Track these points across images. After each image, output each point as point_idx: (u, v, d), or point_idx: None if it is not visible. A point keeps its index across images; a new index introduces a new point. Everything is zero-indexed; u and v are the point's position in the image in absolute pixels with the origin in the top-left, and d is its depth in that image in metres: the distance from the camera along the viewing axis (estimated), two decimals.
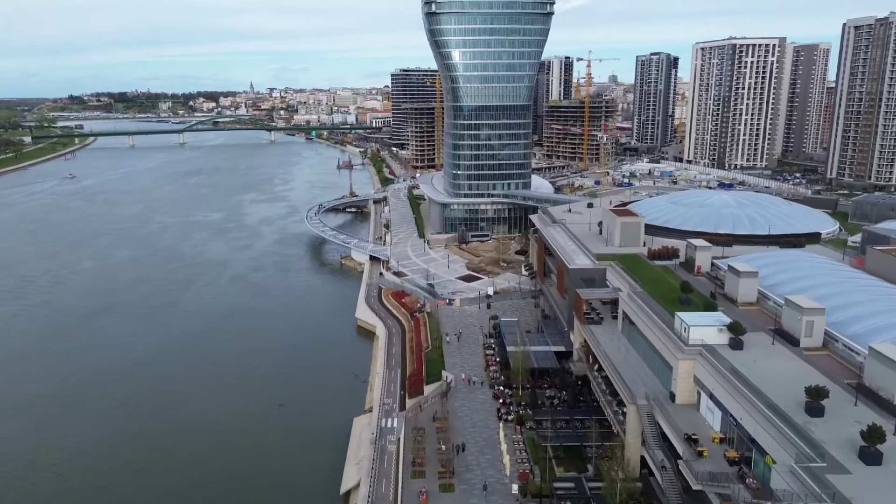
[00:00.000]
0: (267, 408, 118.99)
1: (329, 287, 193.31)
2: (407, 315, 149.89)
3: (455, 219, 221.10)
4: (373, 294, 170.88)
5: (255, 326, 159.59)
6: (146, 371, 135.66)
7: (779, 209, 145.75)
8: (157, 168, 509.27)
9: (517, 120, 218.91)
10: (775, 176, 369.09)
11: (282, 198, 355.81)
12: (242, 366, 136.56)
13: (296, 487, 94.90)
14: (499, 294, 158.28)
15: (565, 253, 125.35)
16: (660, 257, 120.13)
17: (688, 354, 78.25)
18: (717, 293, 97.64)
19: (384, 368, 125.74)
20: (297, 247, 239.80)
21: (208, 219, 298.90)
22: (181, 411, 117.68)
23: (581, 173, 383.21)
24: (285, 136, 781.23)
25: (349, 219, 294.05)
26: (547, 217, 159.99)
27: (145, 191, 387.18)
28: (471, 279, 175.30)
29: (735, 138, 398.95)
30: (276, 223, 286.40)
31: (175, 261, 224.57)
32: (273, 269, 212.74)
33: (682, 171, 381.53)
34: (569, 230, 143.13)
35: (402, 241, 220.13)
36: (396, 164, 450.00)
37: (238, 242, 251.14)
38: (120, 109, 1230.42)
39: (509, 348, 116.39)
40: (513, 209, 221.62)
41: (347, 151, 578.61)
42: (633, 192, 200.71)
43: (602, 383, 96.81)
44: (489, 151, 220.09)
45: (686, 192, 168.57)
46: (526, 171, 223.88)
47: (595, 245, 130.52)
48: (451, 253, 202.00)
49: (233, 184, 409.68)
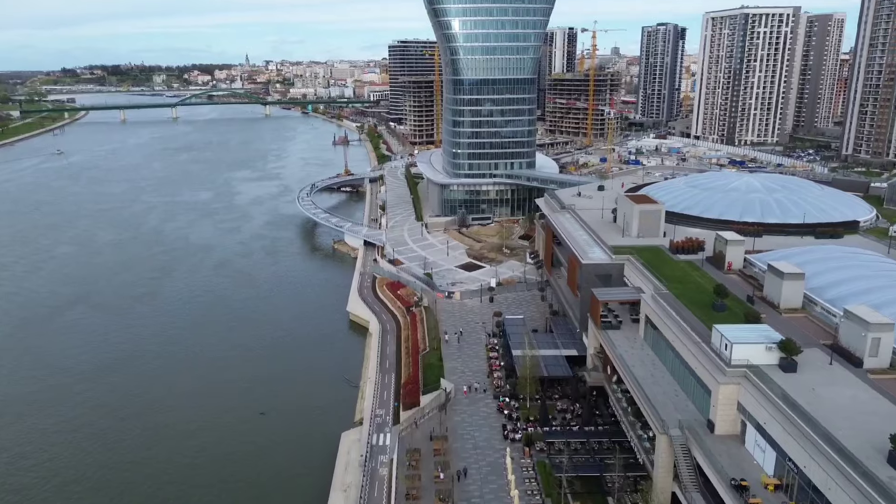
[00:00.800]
0: (246, 415, 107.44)
1: (320, 275, 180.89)
2: (403, 309, 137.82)
3: (454, 200, 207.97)
4: (366, 284, 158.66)
5: (240, 319, 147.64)
6: (117, 371, 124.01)
7: (810, 194, 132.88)
8: (147, 143, 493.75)
9: (521, 94, 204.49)
10: (787, 152, 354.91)
11: (274, 176, 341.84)
12: (223, 365, 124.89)
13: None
14: (502, 286, 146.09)
15: (577, 245, 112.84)
16: (683, 250, 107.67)
17: (730, 378, 66.23)
18: (754, 296, 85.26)
19: (377, 372, 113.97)
20: (288, 230, 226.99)
21: (196, 199, 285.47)
22: (148, 420, 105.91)
23: (586, 150, 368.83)
24: (280, 110, 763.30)
25: (344, 199, 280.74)
26: (555, 202, 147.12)
27: (133, 168, 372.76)
28: (471, 268, 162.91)
29: (746, 113, 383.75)
30: (267, 203, 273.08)
31: (158, 245, 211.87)
32: (261, 254, 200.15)
33: (691, 148, 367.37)
34: (580, 217, 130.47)
35: (399, 224, 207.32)
36: (394, 140, 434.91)
37: (226, 225, 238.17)
38: (113, 82, 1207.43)
39: (515, 352, 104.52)
40: (516, 190, 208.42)
41: (344, 126, 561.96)
42: (645, 174, 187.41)
43: (623, 399, 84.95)
44: (491, 128, 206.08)
45: (707, 175, 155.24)
46: (530, 149, 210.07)
47: (610, 235, 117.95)
48: (450, 238, 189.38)
49: (224, 160, 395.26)
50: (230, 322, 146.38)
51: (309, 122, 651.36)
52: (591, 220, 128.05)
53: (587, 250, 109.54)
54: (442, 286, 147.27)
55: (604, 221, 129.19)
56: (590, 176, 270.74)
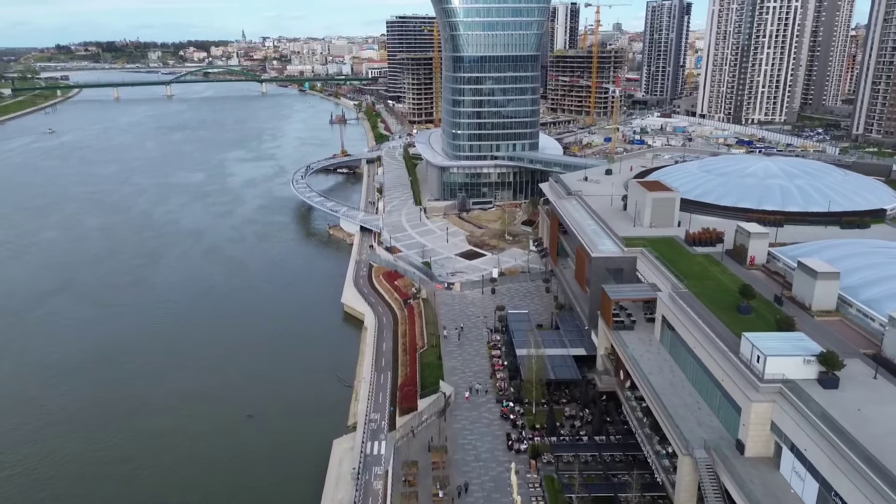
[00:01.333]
0: (232, 417, 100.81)
1: (314, 263, 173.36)
2: (400, 302, 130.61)
3: (454, 184, 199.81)
4: (362, 273, 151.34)
5: (229, 311, 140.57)
6: (98, 367, 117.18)
7: (831, 179, 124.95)
8: (140, 122, 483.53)
9: (524, 72, 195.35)
10: (795, 132, 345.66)
11: (269, 156, 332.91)
12: (209, 361, 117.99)
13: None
14: (504, 276, 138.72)
15: (586, 236, 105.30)
16: (700, 242, 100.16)
17: (764, 395, 59.18)
18: (782, 296, 77.93)
19: (372, 371, 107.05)
20: (282, 213, 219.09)
21: (188, 180, 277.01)
22: (126, 425, 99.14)
23: (589, 129, 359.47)
24: (277, 87, 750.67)
25: (340, 181, 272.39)
26: (560, 187, 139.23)
27: (124, 148, 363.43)
28: (472, 256, 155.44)
29: (753, 91, 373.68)
30: (262, 185, 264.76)
31: (147, 230, 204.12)
32: (254, 239, 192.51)
33: (697, 127, 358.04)
34: (587, 205, 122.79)
35: (397, 208, 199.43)
36: (392, 118, 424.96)
37: (218, 208, 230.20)
38: (108, 59, 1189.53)
39: (520, 352, 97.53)
40: (518, 173, 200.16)
41: (341, 104, 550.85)
42: (654, 156, 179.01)
43: (637, 409, 78.09)
44: (493, 108, 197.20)
45: (722, 159, 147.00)
46: (534, 129, 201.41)
47: (620, 225, 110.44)
48: (450, 223, 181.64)
49: (218, 140, 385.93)
50: (218, 314, 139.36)
51: (306, 100, 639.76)
52: (600, 208, 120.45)
53: (597, 242, 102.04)
54: (441, 276, 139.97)
55: (613, 209, 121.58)
56: (595, 157, 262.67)
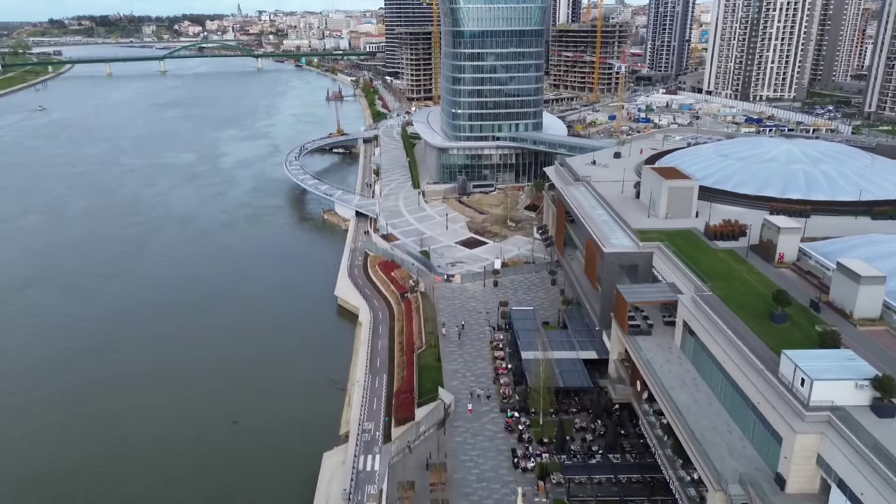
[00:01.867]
0: (216, 423, 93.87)
1: (308, 250, 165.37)
2: (397, 295, 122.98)
3: (454, 166, 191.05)
4: (357, 263, 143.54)
5: (216, 303, 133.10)
6: (76, 364, 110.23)
7: (859, 164, 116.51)
8: (132, 99, 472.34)
9: (528, 48, 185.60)
10: (805, 109, 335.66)
11: (263, 134, 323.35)
12: (194, 358, 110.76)
13: None
14: (507, 267, 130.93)
15: (597, 228, 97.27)
16: (722, 236, 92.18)
17: (810, 424, 51.72)
18: (819, 302, 70.19)
19: (366, 373, 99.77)
20: (276, 196, 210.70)
21: (179, 161, 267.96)
22: (105, 427, 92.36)
23: (593, 106, 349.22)
24: (273, 62, 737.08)
25: (336, 161, 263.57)
26: (566, 172, 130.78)
27: (115, 126, 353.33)
28: (473, 244, 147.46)
29: (762, 66, 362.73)
30: (255, 166, 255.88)
31: (134, 214, 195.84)
32: (245, 225, 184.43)
33: (703, 104, 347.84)
34: (596, 192, 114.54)
35: (394, 191, 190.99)
36: (390, 95, 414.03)
37: (209, 190, 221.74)
38: (102, 34, 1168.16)
39: (525, 354, 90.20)
40: (521, 154, 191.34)
41: (338, 81, 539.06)
42: (665, 138, 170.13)
43: (657, 425, 70.80)
44: (494, 86, 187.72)
45: (739, 142, 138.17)
46: (537, 108, 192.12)
47: (633, 215, 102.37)
48: (449, 208, 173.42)
49: (212, 118, 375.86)
50: (204, 308, 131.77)
51: (302, 75, 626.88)
52: (611, 196, 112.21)
53: (609, 235, 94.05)
54: (440, 267, 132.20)
55: (625, 197, 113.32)
56: (599, 136, 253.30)
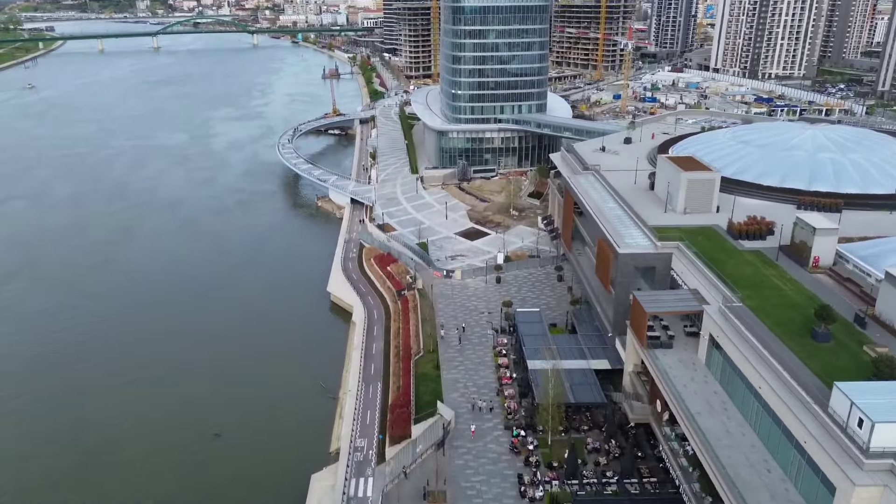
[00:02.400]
0: (197, 436, 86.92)
1: (300, 241, 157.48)
2: (393, 292, 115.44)
3: (454, 149, 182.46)
4: (352, 255, 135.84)
5: (201, 301, 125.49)
6: (54, 366, 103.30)
7: (890, 152, 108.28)
8: (124, 77, 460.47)
9: (531, 24, 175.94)
10: (816, 87, 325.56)
11: (257, 114, 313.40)
12: (175, 365, 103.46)
13: None
14: (511, 261, 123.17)
15: (609, 224, 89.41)
16: (747, 235, 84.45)
17: (870, 475, 44.44)
18: (864, 317, 62.67)
19: (359, 381, 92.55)
20: (268, 181, 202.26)
21: (170, 142, 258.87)
22: (73, 439, 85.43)
23: (597, 85, 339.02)
24: (269, 39, 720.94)
25: (331, 143, 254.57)
26: (574, 160, 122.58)
27: (105, 106, 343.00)
28: (474, 235, 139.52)
29: (772, 43, 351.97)
30: (248, 148, 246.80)
31: (120, 200, 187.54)
32: (235, 212, 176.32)
33: (711, 83, 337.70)
34: (607, 183, 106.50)
35: (391, 177, 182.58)
36: (388, 73, 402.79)
37: (199, 174, 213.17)
38: (95, 9, 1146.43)
39: (532, 364, 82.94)
40: (524, 137, 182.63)
41: (335, 57, 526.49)
42: (676, 121, 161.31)
43: (680, 452, 63.71)
44: (496, 65, 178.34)
45: (759, 127, 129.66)
46: (541, 89, 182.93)
47: (649, 209, 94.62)
48: (449, 194, 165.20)
49: (204, 97, 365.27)
50: (189, 305, 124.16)
51: (299, 52, 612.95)
52: (623, 187, 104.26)
53: (623, 233, 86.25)
54: (439, 261, 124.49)
55: (638, 189, 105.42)
56: (605, 116, 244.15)
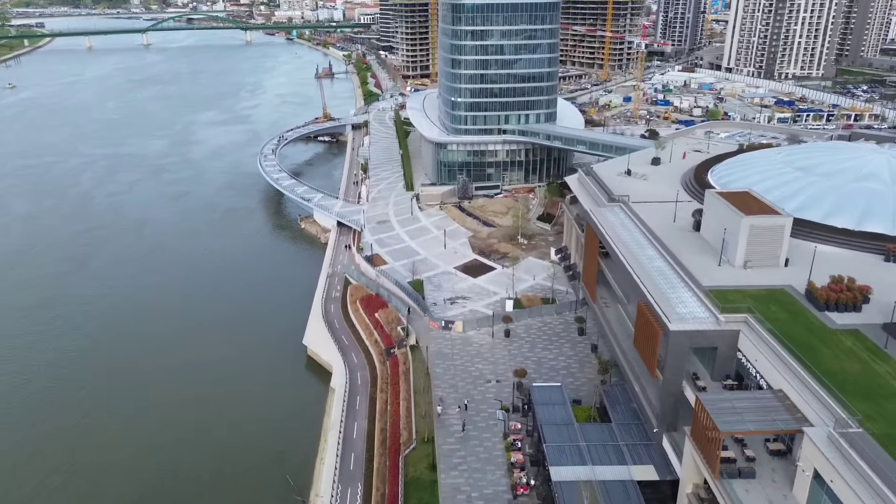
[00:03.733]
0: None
1: (277, 271, 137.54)
2: (381, 349, 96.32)
3: (453, 163, 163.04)
4: (335, 293, 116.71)
5: (153, 353, 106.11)
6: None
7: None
8: (108, 76, 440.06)
9: (541, 24, 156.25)
10: (837, 88, 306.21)
11: (244, 118, 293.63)
12: (104, 457, 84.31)
13: None
14: (521, 306, 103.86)
15: (651, 284, 69.97)
16: (835, 304, 65.10)
17: None
18: None
19: (334, 481, 73.40)
20: (249, 196, 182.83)
21: (146, 150, 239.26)
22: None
23: (605, 86, 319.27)
24: (264, 35, 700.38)
25: (320, 151, 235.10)
26: (595, 186, 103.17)
27: (83, 107, 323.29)
28: (477, 270, 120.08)
29: (790, 41, 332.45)
30: (230, 156, 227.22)
31: (81, 220, 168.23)
32: (207, 235, 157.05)
33: (725, 83, 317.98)
34: (640, 220, 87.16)
35: (383, 194, 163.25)
36: (384, 72, 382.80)
37: (173, 188, 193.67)
38: (88, 4, 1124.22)
39: (556, 473, 63.85)
40: (532, 150, 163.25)
41: (330, 55, 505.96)
42: (707, 134, 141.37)
43: None
44: (501, 70, 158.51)
45: (815, 149, 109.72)
46: (551, 96, 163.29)
47: (697, 260, 75.22)
48: (448, 217, 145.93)
49: (190, 98, 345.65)
50: (137, 359, 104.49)
51: (293, 49, 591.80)
52: (660, 226, 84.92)
53: (671, 298, 66.92)
54: (437, 305, 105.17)
55: (679, 229, 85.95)
56: (617, 123, 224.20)
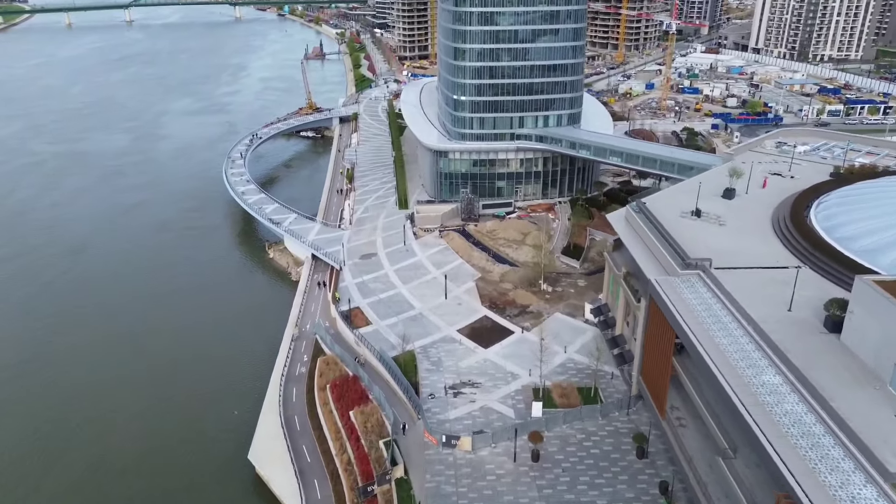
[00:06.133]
0: None
1: (229, 331, 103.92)
2: (356, 479, 67.83)
3: (456, 175, 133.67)
4: (300, 369, 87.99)
5: (35, 469, 78.20)
6: None
7: None
8: (81, 56, 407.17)
9: (564, 4, 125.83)
10: (882, 73, 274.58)
11: (221, 107, 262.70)
12: None
13: None
14: (552, 405, 74.97)
15: (797, 463, 41.43)
16: None
17: None
18: None
19: None
20: (212, 209, 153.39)
21: (105, 146, 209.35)
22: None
23: (623, 70, 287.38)
24: (254, 11, 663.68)
25: (301, 150, 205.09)
26: (657, 238, 73.96)
27: (45, 94, 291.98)
28: (489, 334, 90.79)
29: (826, 19, 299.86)
30: (199, 156, 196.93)
31: (4, 242, 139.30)
32: (153, 266, 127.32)
33: (756, 66, 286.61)
34: (739, 308, 58.35)
35: (371, 212, 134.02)
36: (379, 54, 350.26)
37: (127, 198, 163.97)
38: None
39: None
40: (551, 159, 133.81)
41: (322, 33, 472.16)
42: (778, 146, 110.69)
43: None
44: (514, 62, 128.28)
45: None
46: (576, 93, 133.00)
47: (850, 396, 46.68)
48: (449, 248, 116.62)
49: (166, 82, 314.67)
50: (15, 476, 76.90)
51: (284, 26, 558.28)
52: (772, 321, 56.22)
53: (837, 497, 38.44)
54: (434, 398, 76.57)
55: (800, 325, 57.02)
56: (643, 115, 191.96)
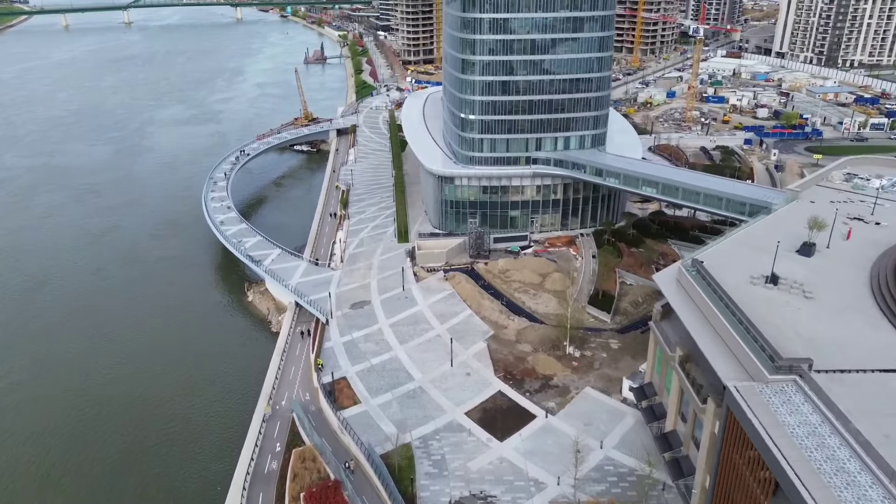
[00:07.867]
0: None
1: (188, 404, 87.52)
2: None
3: (463, 203, 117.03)
4: (270, 463, 71.30)
5: None
6: None
7: None
8: (74, 60, 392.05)
9: (589, 10, 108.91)
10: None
11: (213, 115, 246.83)
12: None
13: None
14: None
15: None
16: None
17: None
18: None
19: None
20: (192, 236, 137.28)
21: (84, 160, 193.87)
22: None
23: (641, 76, 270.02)
24: (257, 12, 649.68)
25: (294, 165, 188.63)
26: (727, 319, 57.00)
27: (28, 101, 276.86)
28: (505, 419, 73.81)
29: (857, 23, 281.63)
30: (183, 171, 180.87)
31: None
32: (118, 307, 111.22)
33: (782, 72, 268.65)
34: (862, 444, 41.40)
35: (366, 246, 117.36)
36: (382, 58, 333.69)
37: (99, 221, 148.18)
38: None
39: None
40: (572, 184, 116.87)
41: (325, 35, 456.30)
42: (847, 179, 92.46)
43: None
44: (530, 75, 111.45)
45: None
46: (601, 111, 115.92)
47: None
48: (456, 293, 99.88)
49: (158, 87, 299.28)
50: None
51: (285, 28, 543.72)
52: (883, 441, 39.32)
53: None
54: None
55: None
56: (665, 127, 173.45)
